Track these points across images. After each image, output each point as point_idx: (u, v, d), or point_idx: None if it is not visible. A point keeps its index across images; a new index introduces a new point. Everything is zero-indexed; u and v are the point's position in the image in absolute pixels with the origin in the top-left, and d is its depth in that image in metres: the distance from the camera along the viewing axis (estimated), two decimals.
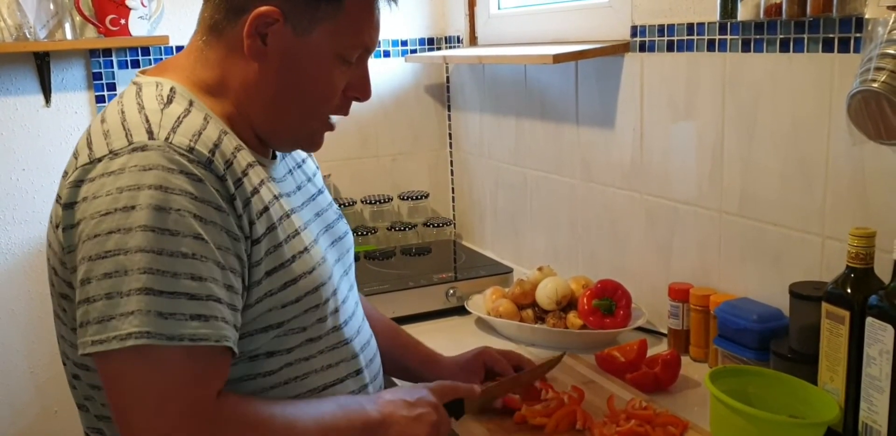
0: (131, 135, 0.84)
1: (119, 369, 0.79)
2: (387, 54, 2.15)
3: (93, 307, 0.79)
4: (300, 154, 1.12)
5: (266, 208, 0.90)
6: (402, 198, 2.18)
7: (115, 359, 0.79)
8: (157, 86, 0.91)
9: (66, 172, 0.88)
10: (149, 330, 0.77)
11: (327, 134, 1.02)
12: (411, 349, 1.27)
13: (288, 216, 0.94)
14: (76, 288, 0.82)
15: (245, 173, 0.89)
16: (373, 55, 1.00)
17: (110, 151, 0.83)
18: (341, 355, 1.00)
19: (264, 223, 0.89)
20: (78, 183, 0.83)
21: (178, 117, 0.87)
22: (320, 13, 0.90)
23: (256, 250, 0.88)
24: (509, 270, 1.80)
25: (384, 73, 2.15)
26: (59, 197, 0.87)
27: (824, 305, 1.06)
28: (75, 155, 0.88)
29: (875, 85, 0.96)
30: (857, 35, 1.09)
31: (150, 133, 0.84)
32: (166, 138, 0.83)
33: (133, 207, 0.79)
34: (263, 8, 0.88)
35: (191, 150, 0.84)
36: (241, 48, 0.91)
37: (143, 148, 0.82)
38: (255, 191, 0.90)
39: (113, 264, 0.79)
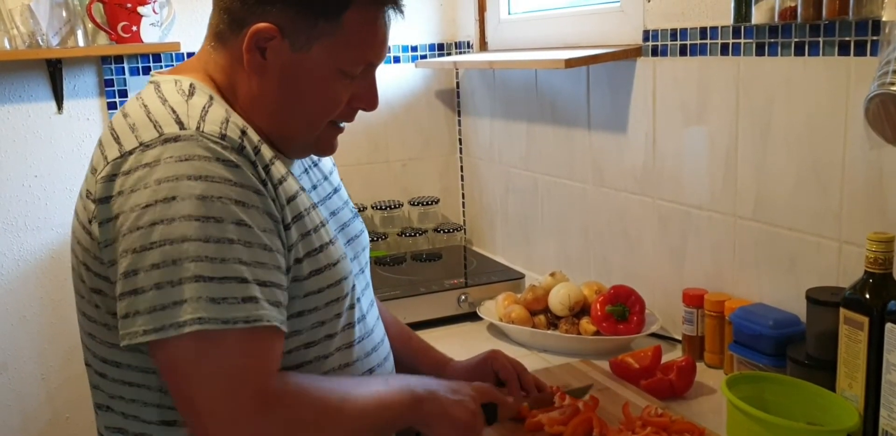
0: (160, 126, 0.85)
1: (180, 357, 0.80)
2: (397, 60, 2.15)
3: (142, 298, 0.80)
4: None
5: (294, 196, 0.92)
6: (412, 203, 2.18)
7: (174, 348, 0.80)
8: (177, 82, 0.92)
9: (94, 169, 0.88)
10: (201, 316, 0.78)
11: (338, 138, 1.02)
12: (422, 353, 1.27)
13: (314, 208, 0.96)
14: (116, 281, 0.82)
15: (272, 162, 0.90)
16: (382, 62, 0.99)
17: (141, 144, 0.84)
18: (356, 353, 1.00)
19: (293, 210, 0.91)
20: (111, 177, 0.84)
21: (204, 107, 0.88)
22: (318, 30, 0.90)
23: (289, 236, 0.89)
24: (521, 276, 1.79)
25: (394, 78, 2.15)
26: (88, 193, 0.87)
27: (842, 311, 1.05)
28: (102, 150, 0.88)
29: (894, 88, 0.95)
30: (874, 38, 1.09)
31: (179, 123, 0.85)
32: (197, 127, 0.84)
33: (174, 198, 0.80)
34: (261, 24, 0.89)
35: (223, 136, 0.85)
36: (242, 60, 0.91)
37: (176, 138, 0.83)
38: (283, 179, 0.91)
39: (160, 255, 0.79)
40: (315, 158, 1.10)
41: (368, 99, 0.98)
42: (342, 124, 1.00)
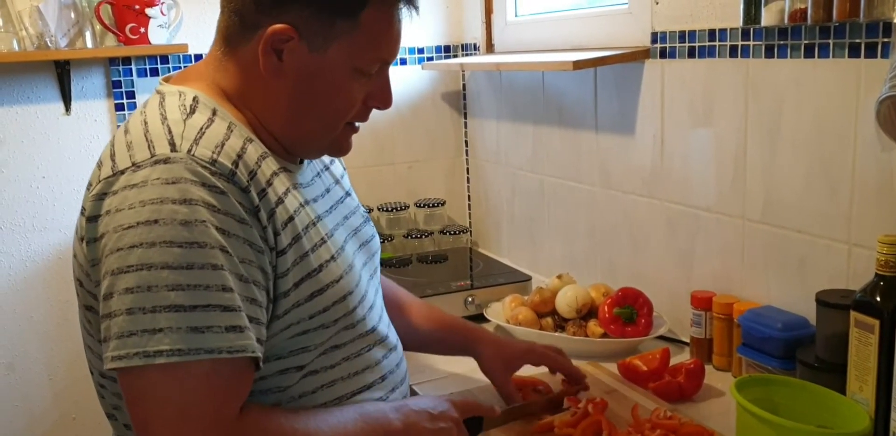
0: (154, 147, 0.83)
1: (143, 384, 0.78)
2: (403, 62, 2.15)
3: (114, 322, 0.78)
4: (327, 157, 1.12)
5: (291, 218, 0.90)
6: (418, 205, 2.18)
7: (139, 374, 0.78)
8: (181, 96, 0.91)
9: (89, 184, 0.88)
10: (181, 348, 0.77)
11: None
12: (469, 330, 1.29)
13: (314, 224, 0.94)
14: (100, 302, 0.81)
15: (269, 183, 0.88)
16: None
17: (133, 164, 0.82)
18: (366, 361, 1.00)
19: (289, 234, 0.89)
20: (101, 196, 0.83)
21: (201, 128, 0.86)
22: (336, 30, 0.89)
23: (282, 261, 0.87)
24: (528, 278, 1.79)
25: (400, 80, 2.15)
26: (83, 209, 0.86)
27: (853, 314, 1.04)
28: (99, 166, 0.87)
29: None
30: (885, 40, 1.08)
31: (172, 145, 0.83)
32: (189, 150, 0.83)
33: (156, 222, 0.78)
34: (277, 26, 0.87)
35: (213, 162, 0.83)
36: (256, 63, 0.90)
37: (166, 160, 0.81)
38: (280, 201, 0.89)
39: (135, 279, 0.77)
40: (326, 161, 1.10)
41: (383, 97, 0.98)
42: (357, 124, 1.00)
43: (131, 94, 1.91)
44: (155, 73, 1.92)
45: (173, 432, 0.78)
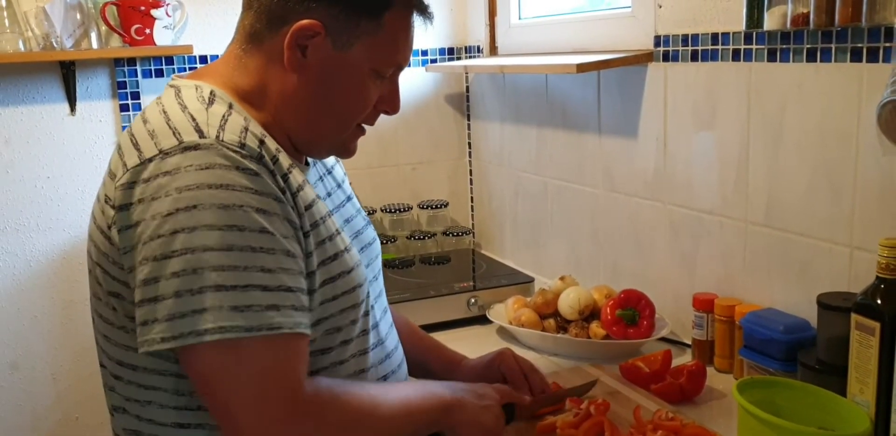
0: (180, 134, 0.85)
1: (208, 365, 0.81)
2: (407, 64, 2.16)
3: (162, 305, 0.80)
4: (329, 161, 1.13)
5: (311, 204, 0.92)
6: (421, 207, 2.18)
7: (201, 356, 0.81)
8: (197, 88, 0.93)
9: (113, 174, 0.89)
10: (223, 325, 0.79)
11: None
12: (434, 352, 1.28)
13: (330, 215, 0.96)
14: (136, 288, 0.83)
15: (290, 170, 0.91)
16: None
17: (160, 151, 0.84)
18: (370, 359, 1.01)
19: (310, 219, 0.91)
20: (130, 184, 0.84)
21: (223, 116, 0.88)
22: (360, 29, 0.92)
23: (307, 243, 0.90)
24: (531, 280, 1.80)
25: (404, 82, 2.12)
26: (107, 198, 0.87)
27: (854, 317, 1.05)
28: (121, 155, 0.88)
29: None
30: (887, 45, 1.09)
31: (199, 132, 0.85)
32: (217, 136, 0.85)
33: (195, 207, 0.80)
34: (305, 21, 0.90)
35: (242, 145, 0.85)
36: (280, 58, 0.92)
37: (196, 147, 0.83)
38: (301, 187, 0.92)
39: (181, 263, 0.80)
40: (328, 165, 1.11)
41: (392, 102, 1.00)
42: (364, 127, 1.02)
43: (136, 95, 1.92)
44: (160, 74, 1.93)
45: (256, 409, 0.81)
